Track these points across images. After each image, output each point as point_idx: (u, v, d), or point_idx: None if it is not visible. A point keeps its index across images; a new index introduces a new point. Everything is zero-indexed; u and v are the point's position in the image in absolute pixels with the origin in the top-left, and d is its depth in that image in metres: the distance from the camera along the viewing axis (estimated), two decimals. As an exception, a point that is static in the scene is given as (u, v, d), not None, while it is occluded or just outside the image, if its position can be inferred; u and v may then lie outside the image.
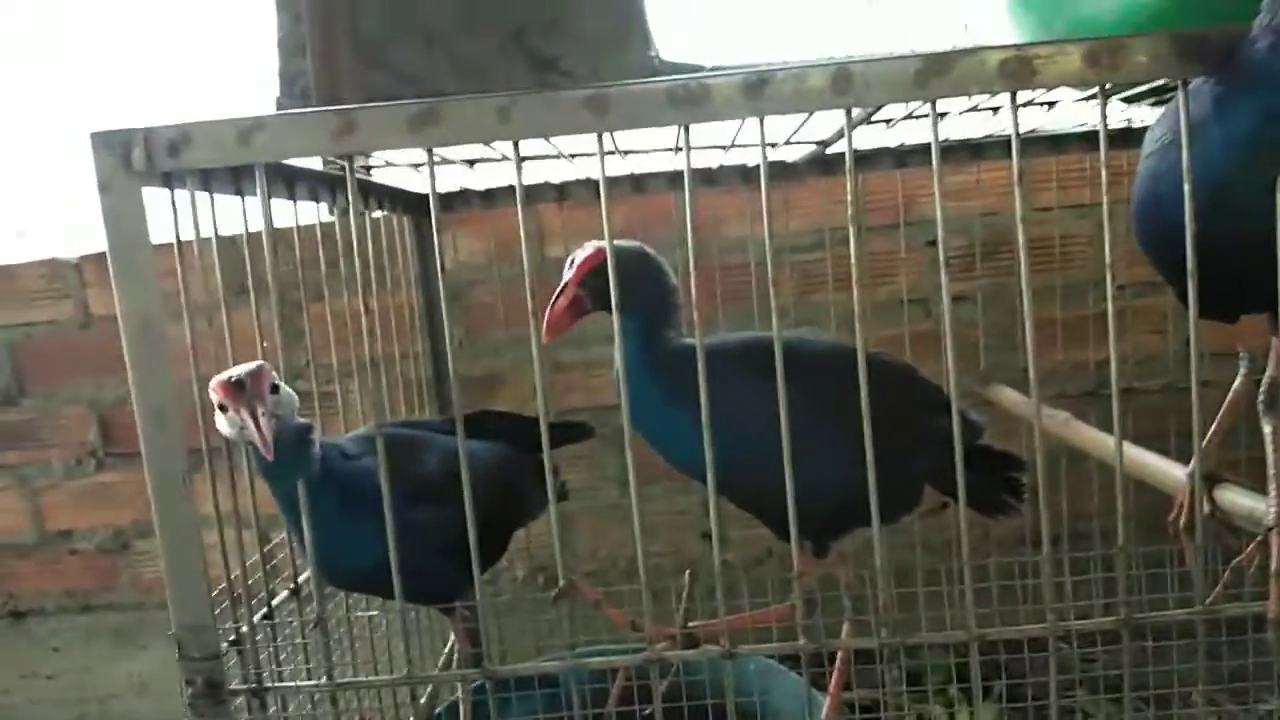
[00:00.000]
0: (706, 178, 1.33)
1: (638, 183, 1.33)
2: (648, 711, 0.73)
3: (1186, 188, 0.63)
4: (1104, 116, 0.65)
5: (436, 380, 1.40)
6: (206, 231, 0.80)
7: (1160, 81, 0.84)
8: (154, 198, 0.73)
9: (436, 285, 1.39)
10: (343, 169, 1.06)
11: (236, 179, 0.79)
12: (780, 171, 1.31)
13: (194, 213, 0.72)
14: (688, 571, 0.96)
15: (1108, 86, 0.64)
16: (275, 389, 0.71)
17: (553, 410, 1.55)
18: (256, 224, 0.91)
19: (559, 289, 0.86)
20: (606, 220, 0.67)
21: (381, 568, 0.71)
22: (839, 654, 0.93)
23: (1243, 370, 0.83)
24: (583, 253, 0.86)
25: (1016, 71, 0.61)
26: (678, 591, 0.97)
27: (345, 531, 0.77)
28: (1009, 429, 1.29)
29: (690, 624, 0.92)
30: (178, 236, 0.74)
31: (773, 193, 1.41)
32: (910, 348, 1.36)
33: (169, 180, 0.71)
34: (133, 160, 0.67)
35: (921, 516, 1.30)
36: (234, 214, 0.82)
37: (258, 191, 0.68)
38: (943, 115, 0.94)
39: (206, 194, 0.77)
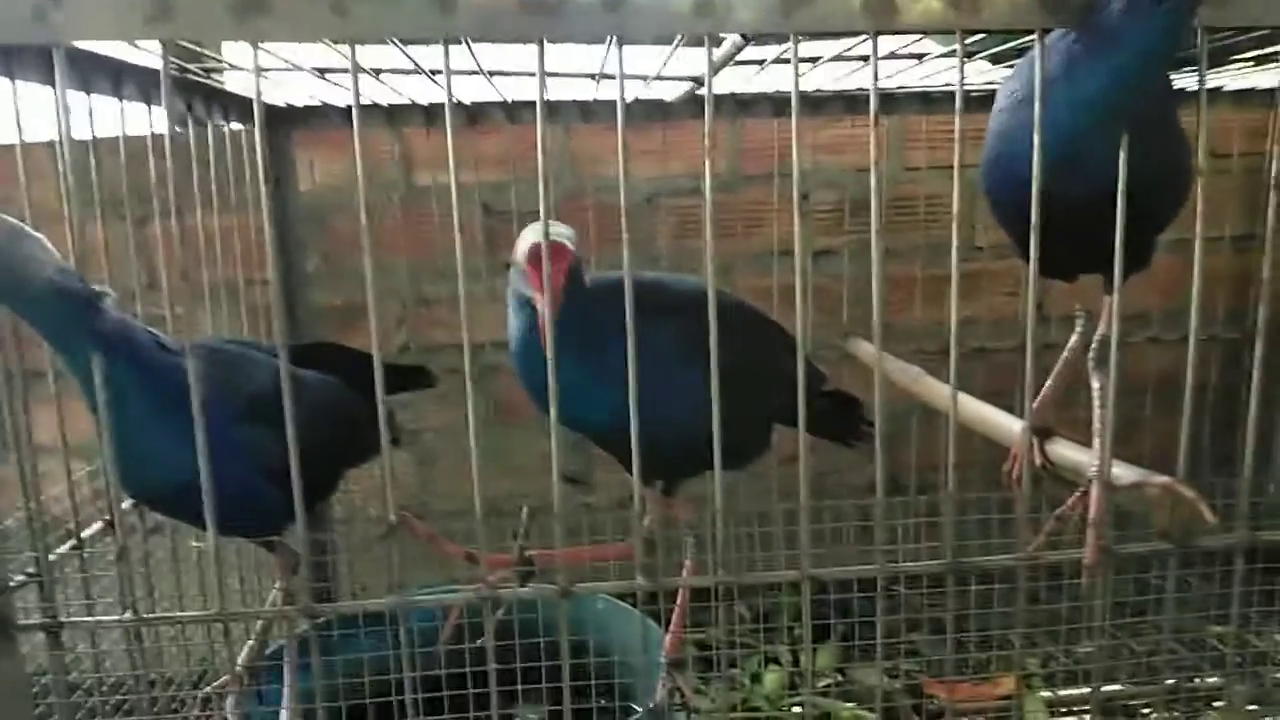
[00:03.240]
0: (582, 112, 1.29)
1: (511, 112, 1.27)
2: (478, 643, 0.71)
3: (1036, 139, 0.63)
4: (962, 62, 0.65)
5: (287, 307, 1.32)
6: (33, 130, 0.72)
7: (1023, 41, 0.86)
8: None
9: (288, 207, 1.31)
10: (181, 69, 0.98)
11: (47, 66, 0.71)
12: (657, 111, 1.28)
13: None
14: (524, 506, 0.95)
15: (969, 35, 0.64)
16: None
17: (417, 345, 1.50)
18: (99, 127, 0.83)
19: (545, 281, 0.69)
20: (452, 148, 0.62)
21: (199, 485, 0.65)
22: (679, 592, 0.94)
23: (1078, 329, 0.86)
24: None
25: (879, 9, 0.60)
26: (518, 529, 0.95)
27: (157, 435, 0.72)
28: (867, 381, 1.32)
29: (527, 552, 0.92)
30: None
31: (650, 133, 1.40)
32: (779, 298, 1.36)
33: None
34: (-95, 30, 0.59)
35: (781, 463, 1.33)
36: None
37: (56, 80, 0.60)
38: (813, 61, 0.94)
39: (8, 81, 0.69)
